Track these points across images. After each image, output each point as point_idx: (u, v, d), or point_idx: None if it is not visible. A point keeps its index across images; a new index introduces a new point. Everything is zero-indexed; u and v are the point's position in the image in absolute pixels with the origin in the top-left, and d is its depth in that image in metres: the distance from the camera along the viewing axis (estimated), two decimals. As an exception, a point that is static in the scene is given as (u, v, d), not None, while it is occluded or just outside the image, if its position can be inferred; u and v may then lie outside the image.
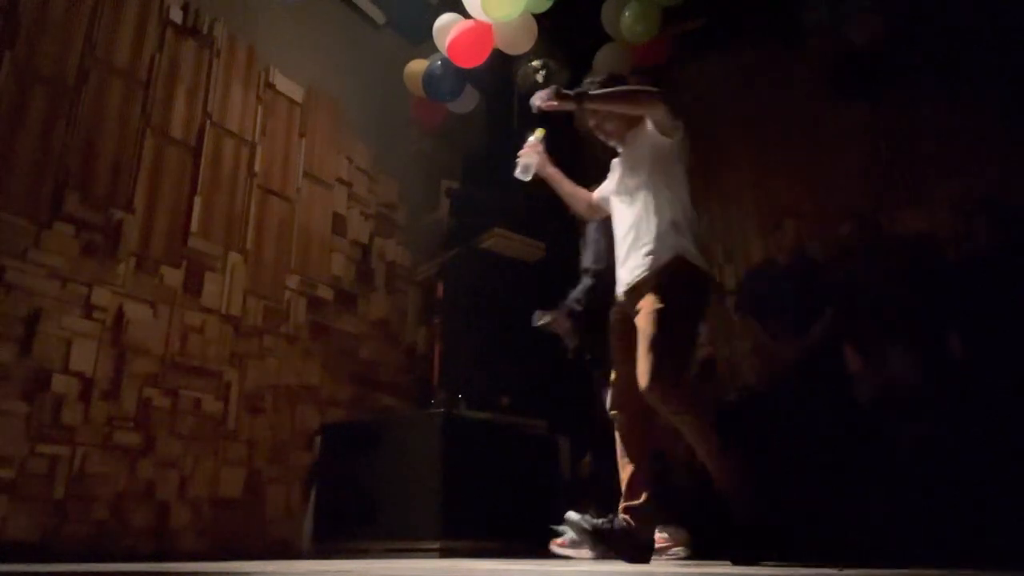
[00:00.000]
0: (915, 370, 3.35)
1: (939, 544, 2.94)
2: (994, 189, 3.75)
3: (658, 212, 2.41)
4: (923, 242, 3.96)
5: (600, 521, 2.32)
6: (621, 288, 2.48)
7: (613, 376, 2.47)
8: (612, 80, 2.60)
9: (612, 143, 2.66)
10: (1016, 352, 3.12)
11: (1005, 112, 3.83)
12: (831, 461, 3.41)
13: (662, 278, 2.33)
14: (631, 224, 2.47)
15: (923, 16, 4.11)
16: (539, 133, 2.71)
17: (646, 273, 2.36)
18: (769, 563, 2.22)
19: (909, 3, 4.10)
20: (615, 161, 2.68)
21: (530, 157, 2.65)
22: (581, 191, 2.80)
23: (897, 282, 3.55)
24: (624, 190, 2.55)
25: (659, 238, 2.38)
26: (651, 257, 2.37)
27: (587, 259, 3.25)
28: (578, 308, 3.21)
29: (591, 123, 2.63)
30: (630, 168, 2.55)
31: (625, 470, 2.39)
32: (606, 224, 2.77)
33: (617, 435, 2.44)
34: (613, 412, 2.45)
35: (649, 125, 2.51)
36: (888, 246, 3.77)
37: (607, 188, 2.69)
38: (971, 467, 3.05)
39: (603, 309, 2.98)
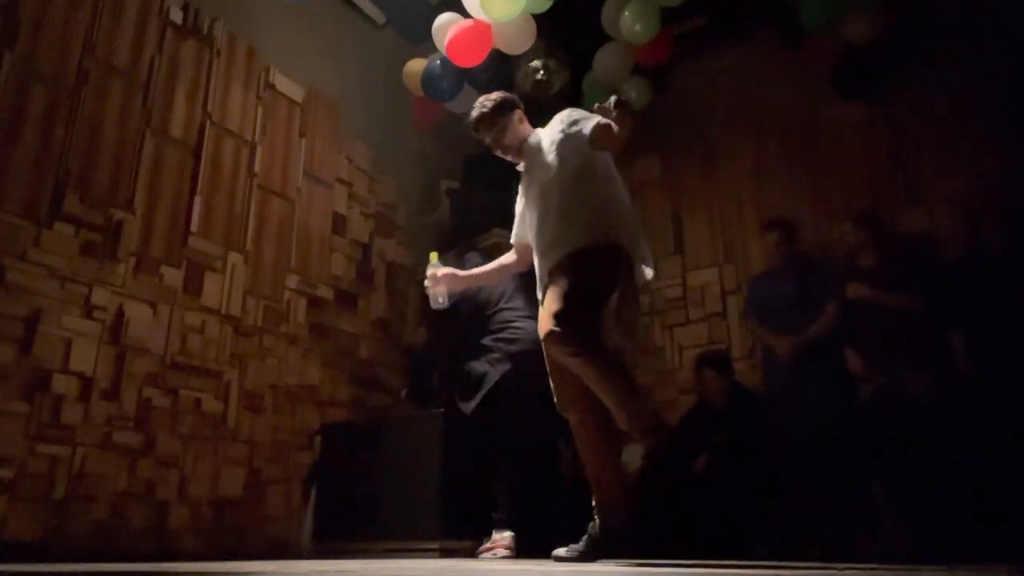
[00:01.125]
0: (917, 370, 3.35)
1: (940, 543, 2.94)
2: (995, 189, 3.75)
3: (585, 200, 2.41)
4: (923, 242, 3.96)
5: (582, 544, 2.32)
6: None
7: (552, 377, 2.44)
8: (506, 107, 2.64)
9: (509, 157, 2.68)
10: (1018, 351, 3.12)
11: (1005, 112, 3.83)
12: (832, 460, 3.41)
13: (582, 251, 2.34)
14: (558, 216, 2.44)
15: (923, 16, 4.11)
16: (433, 258, 2.73)
17: (583, 242, 2.36)
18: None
19: (909, 3, 4.10)
20: (521, 185, 2.68)
21: (438, 287, 2.66)
22: (497, 264, 2.80)
23: (898, 281, 3.55)
24: (541, 191, 2.52)
25: (589, 222, 2.38)
26: (585, 233, 2.37)
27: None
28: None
29: (488, 139, 2.66)
30: (544, 171, 2.52)
31: (587, 469, 2.39)
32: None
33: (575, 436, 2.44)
34: (564, 413, 2.43)
35: (547, 136, 2.56)
36: (887, 245, 3.77)
37: (519, 217, 2.70)
38: (972, 467, 3.06)
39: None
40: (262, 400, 3.75)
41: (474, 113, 2.67)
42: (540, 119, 2.71)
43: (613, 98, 2.30)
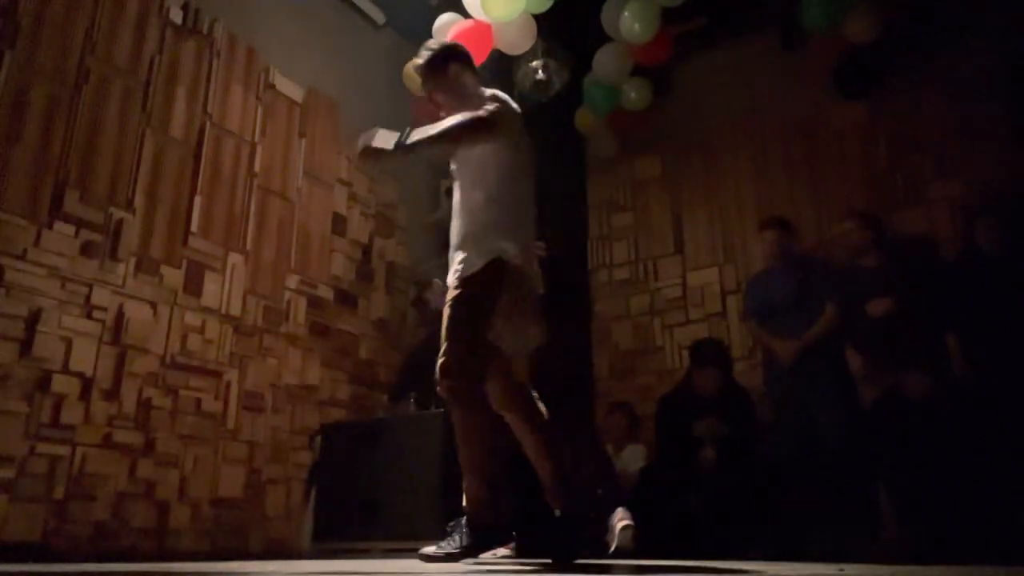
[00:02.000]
0: (917, 370, 3.35)
1: (940, 543, 2.94)
2: (994, 189, 3.75)
3: (480, 210, 2.27)
4: (923, 242, 3.96)
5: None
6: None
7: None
8: (438, 59, 2.42)
9: (443, 115, 2.51)
10: (1017, 352, 3.12)
11: (1005, 112, 3.83)
12: (832, 460, 3.41)
13: (471, 279, 2.21)
14: (457, 230, 2.33)
15: (923, 16, 4.11)
16: None
17: (467, 271, 2.23)
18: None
19: (909, 3, 4.10)
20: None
21: None
22: None
23: (898, 281, 3.55)
24: (457, 185, 2.41)
25: (478, 239, 2.24)
26: (470, 255, 2.24)
27: None
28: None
29: (425, 91, 2.49)
30: (459, 162, 2.41)
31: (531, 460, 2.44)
32: None
33: None
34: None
35: None
36: (889, 245, 3.77)
37: None
38: (972, 467, 3.05)
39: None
40: (262, 400, 3.75)
41: (418, 59, 2.48)
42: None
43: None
